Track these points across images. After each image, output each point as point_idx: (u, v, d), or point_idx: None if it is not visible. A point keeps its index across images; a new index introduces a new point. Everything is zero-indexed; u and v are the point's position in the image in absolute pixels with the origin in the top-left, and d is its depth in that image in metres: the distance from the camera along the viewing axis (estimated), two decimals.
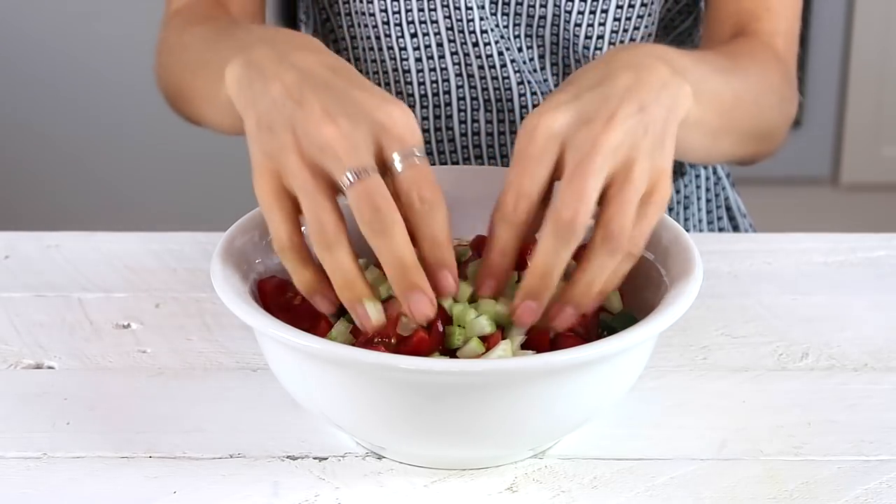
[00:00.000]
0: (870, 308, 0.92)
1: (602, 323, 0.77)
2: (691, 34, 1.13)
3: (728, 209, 1.19)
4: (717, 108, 0.87)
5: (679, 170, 1.13)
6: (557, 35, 1.05)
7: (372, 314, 0.72)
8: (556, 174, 0.73)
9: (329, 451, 0.77)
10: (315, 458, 0.76)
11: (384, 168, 0.72)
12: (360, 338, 0.73)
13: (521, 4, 1.04)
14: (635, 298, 0.79)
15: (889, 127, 2.67)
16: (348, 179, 0.70)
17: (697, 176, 1.16)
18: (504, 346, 0.71)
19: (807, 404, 0.81)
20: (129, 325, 0.90)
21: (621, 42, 1.06)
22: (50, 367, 0.85)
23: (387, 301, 0.73)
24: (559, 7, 1.04)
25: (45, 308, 0.92)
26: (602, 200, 0.72)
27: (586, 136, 0.72)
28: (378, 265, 0.72)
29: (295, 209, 0.73)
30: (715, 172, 1.18)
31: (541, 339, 0.73)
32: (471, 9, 1.03)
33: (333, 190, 0.71)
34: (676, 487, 0.73)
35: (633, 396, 0.79)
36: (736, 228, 1.19)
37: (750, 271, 0.97)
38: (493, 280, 0.74)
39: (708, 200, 1.17)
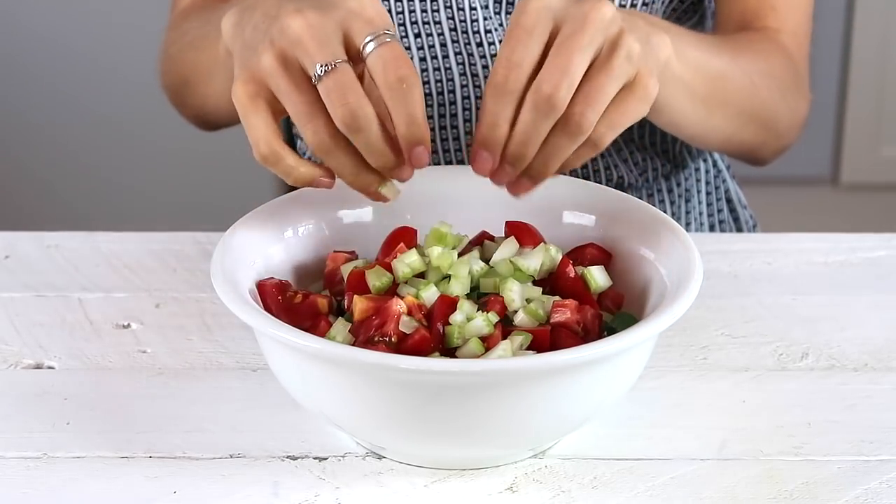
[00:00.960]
0: (870, 308, 0.92)
1: (602, 323, 0.77)
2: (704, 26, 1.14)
3: (729, 201, 1.19)
4: (703, 75, 0.88)
5: (681, 163, 1.13)
6: None
7: (390, 193, 0.74)
8: (547, 49, 0.73)
9: (329, 451, 0.77)
10: (315, 458, 0.76)
11: (357, 56, 0.72)
12: (359, 337, 0.73)
13: None
14: (635, 298, 0.79)
15: (889, 127, 2.67)
16: (318, 72, 0.71)
17: (697, 169, 1.16)
18: (504, 346, 0.71)
19: (807, 404, 0.81)
20: (129, 325, 0.90)
21: None
22: (50, 367, 0.85)
23: (384, 302, 0.73)
24: None
25: (45, 308, 0.92)
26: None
27: (578, 11, 0.73)
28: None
29: (273, 114, 0.74)
30: (715, 165, 1.18)
31: (541, 340, 0.73)
32: (474, 9, 1.03)
33: (311, 83, 0.72)
34: (676, 487, 0.73)
35: (633, 396, 0.79)
36: (736, 220, 1.19)
37: (750, 271, 0.97)
38: (487, 151, 0.74)
39: (708, 193, 1.17)
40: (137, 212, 2.49)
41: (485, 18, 1.04)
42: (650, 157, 1.11)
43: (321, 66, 0.71)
